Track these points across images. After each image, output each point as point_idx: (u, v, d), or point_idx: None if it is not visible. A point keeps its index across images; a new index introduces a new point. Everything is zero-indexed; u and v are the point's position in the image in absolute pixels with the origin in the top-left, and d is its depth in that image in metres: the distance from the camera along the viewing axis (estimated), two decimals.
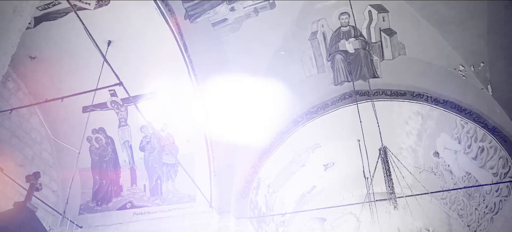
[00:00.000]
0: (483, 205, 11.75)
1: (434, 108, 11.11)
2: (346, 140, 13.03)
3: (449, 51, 10.26)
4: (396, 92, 11.43)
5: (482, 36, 9.77)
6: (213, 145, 11.09)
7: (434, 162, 12.96)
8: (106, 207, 11.14)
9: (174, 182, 11.01)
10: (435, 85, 10.98)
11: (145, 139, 10.98)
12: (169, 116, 10.66)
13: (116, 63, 8.06)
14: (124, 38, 9.40)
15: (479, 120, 10.56)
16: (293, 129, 11.89)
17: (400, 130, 12.60)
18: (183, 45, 9.89)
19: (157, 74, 10.08)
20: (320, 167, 14.23)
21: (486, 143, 10.67)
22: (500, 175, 10.55)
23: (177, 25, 9.66)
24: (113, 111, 10.74)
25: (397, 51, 10.93)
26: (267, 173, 12.19)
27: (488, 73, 10.08)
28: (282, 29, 10.49)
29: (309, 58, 11.24)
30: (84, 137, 10.45)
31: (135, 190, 11.11)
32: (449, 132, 11.51)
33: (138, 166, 11.12)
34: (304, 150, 12.94)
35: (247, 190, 11.29)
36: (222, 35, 10.27)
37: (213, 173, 11.00)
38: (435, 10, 9.76)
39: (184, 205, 10.81)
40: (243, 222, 10.81)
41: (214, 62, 10.57)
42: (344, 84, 11.70)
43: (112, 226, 10.77)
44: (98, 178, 11.27)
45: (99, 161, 11.24)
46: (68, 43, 9.62)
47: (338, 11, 10.47)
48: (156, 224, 10.63)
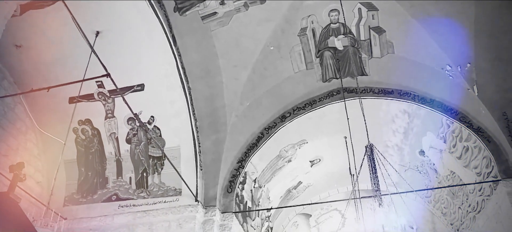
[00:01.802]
0: (466, 204, 11.90)
1: (421, 107, 11.20)
2: (333, 137, 13.09)
3: (437, 51, 10.35)
4: (383, 90, 11.50)
5: (470, 37, 9.88)
6: (200, 138, 11.07)
7: (420, 161, 13.09)
8: (91, 199, 11.04)
9: (160, 175, 10.95)
10: (422, 84, 11.07)
11: (132, 131, 10.91)
12: (157, 109, 10.59)
13: (104, 54, 7.97)
14: (113, 29, 9.29)
15: (464, 120, 10.67)
16: (280, 124, 11.90)
17: (387, 128, 12.68)
18: (172, 38, 9.83)
19: (145, 66, 10.00)
20: (307, 163, 14.29)
21: (470, 143, 10.79)
22: (483, 174, 10.67)
23: (166, 17, 9.60)
24: (100, 103, 10.64)
25: (385, 49, 11.01)
26: (253, 168, 12.20)
27: (474, 74, 10.21)
28: (271, 24, 10.49)
29: (298, 54, 11.26)
30: (70, 128, 10.33)
31: (121, 182, 11.04)
32: (435, 131, 11.62)
33: (124, 158, 11.05)
34: (291, 146, 12.97)
35: (233, 185, 11.29)
36: (211, 28, 10.23)
37: (200, 167, 10.98)
38: (424, 10, 9.85)
39: (169, 199, 10.77)
40: (229, 217, 10.81)
41: (203, 55, 10.53)
42: (332, 81, 11.75)
43: (97, 218, 10.68)
44: (84, 169, 11.17)
45: (85, 153, 11.13)
46: (55, 32, 9.49)
47: (328, 8, 10.52)
48: (141, 216, 10.58)
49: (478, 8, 9.51)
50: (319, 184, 15.56)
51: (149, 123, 10.67)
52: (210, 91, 11.03)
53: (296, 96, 11.90)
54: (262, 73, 11.25)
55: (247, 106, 11.56)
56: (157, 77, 10.20)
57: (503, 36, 9.62)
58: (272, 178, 13.50)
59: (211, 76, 10.86)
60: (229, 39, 10.47)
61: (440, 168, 12.42)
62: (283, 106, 11.94)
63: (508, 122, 10.00)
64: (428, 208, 14.57)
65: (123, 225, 10.53)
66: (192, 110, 10.82)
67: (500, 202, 9.98)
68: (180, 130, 10.79)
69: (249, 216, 12.44)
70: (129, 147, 10.98)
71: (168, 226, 10.38)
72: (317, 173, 14.89)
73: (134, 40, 9.57)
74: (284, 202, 15.23)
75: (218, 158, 11.25)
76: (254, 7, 10.07)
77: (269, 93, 11.67)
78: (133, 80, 10.17)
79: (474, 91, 10.28)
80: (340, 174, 14.53)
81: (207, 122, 11.18)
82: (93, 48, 6.96)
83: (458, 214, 12.52)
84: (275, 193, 14.34)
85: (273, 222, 15.17)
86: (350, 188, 14.49)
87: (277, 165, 13.25)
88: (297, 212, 16.90)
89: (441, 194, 13.26)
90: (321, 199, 16.20)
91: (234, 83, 11.10)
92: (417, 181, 13.50)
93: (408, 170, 13.66)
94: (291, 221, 16.87)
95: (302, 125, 12.22)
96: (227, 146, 11.39)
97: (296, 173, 14.37)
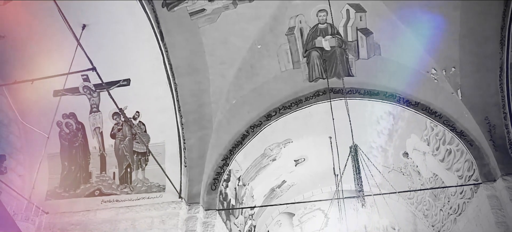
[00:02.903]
0: (447, 206, 12.04)
1: (405, 109, 11.32)
2: (318, 137, 13.15)
3: (422, 54, 10.47)
4: (369, 92, 11.58)
5: (455, 42, 10.00)
6: (185, 135, 11.03)
7: (403, 162, 13.21)
8: (74, 193, 10.94)
9: (144, 171, 10.90)
10: (407, 87, 11.18)
11: (117, 126, 10.82)
12: (142, 104, 10.54)
13: (90, 47, 7.93)
14: (100, 23, 9.21)
15: (448, 123, 10.81)
16: (266, 123, 11.91)
17: (372, 129, 12.78)
18: (159, 33, 9.77)
19: (131, 61, 9.93)
20: (291, 162, 14.33)
21: (453, 146, 10.93)
22: (465, 178, 10.83)
23: (154, 12, 9.53)
24: (85, 97, 10.54)
25: (372, 51, 11.08)
26: (238, 166, 12.20)
27: (458, 78, 10.34)
28: (259, 22, 10.48)
29: (285, 53, 11.27)
30: (54, 121, 10.21)
31: (104, 177, 10.95)
32: (419, 134, 11.74)
33: (108, 153, 10.97)
34: (276, 145, 13.00)
35: (217, 182, 11.27)
36: (199, 25, 10.18)
37: (184, 164, 10.94)
38: (411, 13, 9.94)
39: (153, 195, 10.73)
40: (212, 214, 10.79)
41: (190, 52, 10.49)
42: (319, 81, 11.79)
43: (79, 213, 10.60)
44: (67, 164, 11.06)
45: (68, 147, 11.01)
46: (40, 23, 9.38)
47: (317, 8, 10.54)
48: (124, 212, 10.52)
49: (463, 14, 9.62)
50: (303, 183, 15.62)
51: (134, 118, 10.60)
52: (196, 87, 10.98)
53: (282, 95, 11.91)
54: (249, 71, 11.24)
55: (233, 103, 11.54)
56: (143, 72, 10.14)
57: (487, 42, 9.75)
58: (256, 177, 13.51)
59: (198, 72, 10.81)
60: (216, 36, 10.43)
61: (423, 170, 12.55)
62: (269, 105, 11.95)
63: (490, 127, 10.16)
64: (410, 210, 14.72)
65: (105, 220, 10.45)
66: (178, 106, 10.77)
67: (480, 205, 10.14)
68: (166, 126, 10.74)
69: (233, 214, 12.43)
70: (113, 142, 10.90)
71: (151, 222, 10.34)
72: (302, 172, 14.95)
73: (121, 34, 9.50)
74: (268, 200, 15.25)
75: (202, 155, 11.22)
76: (243, 5, 10.04)
77: (255, 92, 11.66)
78: (119, 74, 10.09)
79: (458, 95, 10.41)
80: (324, 174, 14.61)
81: (192, 119, 11.13)
82: (79, 41, 6.87)
83: (440, 216, 12.68)
84: (259, 191, 14.35)
85: (256, 221, 15.19)
86: (333, 188, 14.57)
87: (262, 163, 13.26)
88: (281, 211, 16.96)
89: (423, 196, 13.40)
90: (305, 198, 16.27)
91: (220, 81, 11.07)
92: (400, 183, 13.62)
93: (392, 171, 13.78)
94: (275, 220, 16.92)
95: (288, 124, 12.25)
96: (212, 143, 11.36)
97: (280, 172, 14.40)
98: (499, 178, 9.71)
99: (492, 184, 9.88)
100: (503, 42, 9.55)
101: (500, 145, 10.00)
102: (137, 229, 10.28)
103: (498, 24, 9.45)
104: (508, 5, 9.13)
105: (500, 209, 9.59)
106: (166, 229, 10.16)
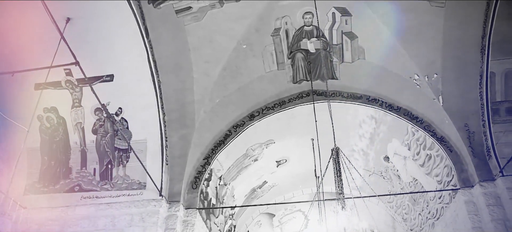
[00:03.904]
0: (426, 210, 12.20)
1: (388, 113, 11.44)
2: (300, 138, 13.21)
3: (406, 59, 10.59)
4: (352, 95, 11.68)
5: (438, 49, 10.14)
6: (167, 133, 10.97)
7: (384, 166, 13.34)
8: (53, 188, 10.78)
9: (125, 168, 10.81)
10: (390, 92, 11.31)
11: (99, 122, 10.71)
12: (125, 100, 10.44)
13: (74, 41, 7.78)
14: (84, 17, 9.07)
15: (429, 128, 10.96)
16: (249, 123, 11.92)
17: (354, 132, 12.88)
18: (144, 30, 9.68)
19: (115, 57, 9.82)
20: (273, 163, 14.37)
21: (433, 152, 11.08)
22: (444, 183, 10.98)
23: (140, 8, 9.45)
24: (67, 91, 10.38)
25: (356, 54, 11.17)
26: (219, 165, 12.18)
27: (440, 85, 10.49)
28: (245, 22, 10.48)
29: (270, 53, 11.30)
30: (35, 115, 10.08)
31: (85, 173, 10.83)
32: (400, 138, 11.88)
33: (89, 149, 10.84)
34: (258, 145, 13.02)
35: (198, 181, 11.25)
36: (185, 23, 10.13)
37: (165, 162, 10.88)
38: (397, 19, 10.04)
39: (134, 192, 10.66)
40: (192, 213, 10.77)
41: (175, 49, 10.43)
42: (303, 82, 11.86)
43: (58, 208, 10.45)
44: (47, 158, 10.89)
45: (49, 141, 10.84)
46: (22, 15, 9.19)
47: (303, 10, 10.60)
48: (103, 209, 10.42)
49: (447, 21, 9.77)
50: (284, 184, 15.67)
51: (116, 114, 10.51)
52: (180, 85, 10.93)
53: (266, 96, 11.94)
54: (234, 70, 11.23)
55: (217, 102, 11.53)
56: (127, 68, 10.04)
57: (469, 50, 9.91)
58: (237, 176, 13.52)
59: (182, 70, 10.77)
60: (202, 35, 10.40)
61: (403, 175, 12.69)
62: (252, 105, 11.97)
63: (469, 133, 10.33)
64: (389, 213, 14.87)
65: (84, 216, 10.35)
66: (161, 104, 10.70)
67: (457, 210, 10.30)
68: (148, 124, 10.67)
69: (213, 213, 12.41)
70: (95, 137, 10.78)
71: (130, 219, 10.26)
72: (283, 173, 14.99)
73: (106, 29, 9.38)
74: (249, 201, 15.26)
75: (184, 153, 11.19)
76: (229, 4, 10.03)
77: (239, 91, 11.66)
78: (102, 70, 9.97)
79: (440, 101, 10.56)
80: (306, 175, 14.68)
81: (175, 117, 11.08)
82: (62, 35, 6.78)
83: (418, 220, 12.83)
84: (240, 191, 14.35)
85: (236, 221, 15.18)
86: (314, 190, 14.66)
87: (243, 163, 13.27)
88: (261, 211, 16.97)
89: (403, 200, 13.55)
90: (286, 199, 16.33)
91: (205, 79, 11.04)
92: (380, 186, 13.76)
93: (372, 175, 13.90)
94: (255, 220, 16.92)
95: (271, 125, 12.27)
96: (194, 142, 11.33)
97: (262, 172, 14.43)
98: (476, 184, 9.88)
99: (470, 190, 10.06)
100: (484, 51, 9.72)
101: (478, 152, 10.18)
102: (117, 226, 10.20)
103: (479, 33, 9.62)
104: (488, 15, 9.30)
105: (476, 215, 9.76)
106: (146, 226, 10.10)
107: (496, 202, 9.56)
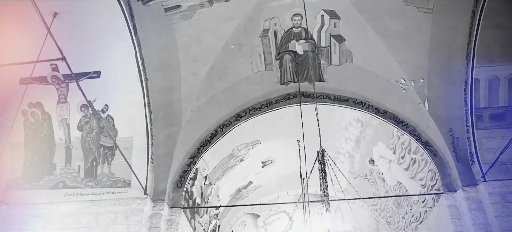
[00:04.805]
0: (410, 214, 12.30)
1: (374, 117, 11.51)
2: (286, 140, 13.24)
3: (393, 64, 10.68)
4: (339, 98, 11.74)
5: (424, 54, 10.25)
6: (153, 131, 10.92)
7: (369, 169, 13.42)
8: (36, 185, 10.64)
9: (110, 166, 10.73)
10: (377, 95, 11.39)
11: (84, 118, 10.61)
12: (112, 98, 10.36)
13: (61, 36, 7.74)
14: (72, 12, 8.97)
15: (414, 133, 11.06)
16: (235, 123, 11.92)
17: (340, 135, 12.94)
18: (133, 27, 9.60)
19: (103, 53, 9.73)
20: (258, 164, 14.38)
21: (418, 156, 11.19)
22: (427, 187, 11.09)
23: (128, 5, 9.37)
24: (53, 86, 10.26)
25: (344, 57, 11.24)
26: (205, 165, 12.16)
27: (426, 89, 10.60)
28: (234, 22, 10.49)
29: (258, 54, 11.32)
30: (19, 110, 9.97)
31: (69, 170, 10.71)
32: (386, 142, 11.97)
33: (74, 145, 10.73)
34: (244, 145, 13.02)
35: (183, 180, 11.21)
36: (173, 21, 10.09)
37: (151, 160, 10.83)
38: (384, 23, 10.13)
39: (118, 190, 10.59)
40: (177, 212, 10.74)
41: (163, 47, 10.39)
42: (290, 84, 11.88)
43: (42, 205, 10.32)
44: (31, 154, 10.74)
45: (33, 137, 10.69)
46: (8, 8, 9.07)
47: (292, 12, 10.63)
48: (87, 206, 10.34)
49: (434, 28, 9.90)
50: (269, 185, 15.69)
51: (102, 111, 10.43)
52: (167, 84, 10.88)
53: (253, 96, 11.95)
54: (221, 70, 11.22)
55: (204, 102, 11.51)
56: (114, 65, 9.96)
57: (454, 56, 10.04)
58: (223, 176, 13.50)
59: (170, 69, 10.73)
60: (191, 34, 10.37)
61: (388, 178, 12.78)
62: (239, 105, 11.96)
63: (453, 139, 10.45)
64: (373, 216, 14.96)
65: (68, 214, 10.25)
66: (148, 102, 10.63)
67: (440, 214, 10.41)
68: (134, 121, 10.60)
69: (198, 213, 12.39)
70: (80, 134, 10.68)
71: (114, 217, 10.19)
72: (268, 174, 15.01)
73: (94, 25, 9.30)
74: (234, 201, 15.25)
75: (170, 152, 11.15)
76: (218, 4, 10.02)
77: (226, 91, 11.66)
78: (89, 66, 9.86)
79: (425, 106, 10.67)
80: (291, 176, 14.70)
81: (162, 115, 11.03)
82: (49, 29, 6.71)
83: (402, 223, 12.93)
84: (225, 191, 14.34)
85: (221, 220, 15.17)
86: (299, 191, 14.69)
87: (229, 163, 13.26)
88: (246, 211, 16.97)
89: (387, 203, 13.65)
90: (271, 200, 16.36)
91: (192, 78, 11.01)
92: (365, 189, 13.84)
93: (357, 177, 13.98)
94: (239, 220, 16.92)
95: (257, 125, 12.28)
96: (180, 140, 11.30)
97: (247, 172, 14.43)
98: (459, 189, 9.99)
99: (453, 194, 10.17)
100: (469, 58, 9.85)
101: (462, 157, 10.30)
102: (100, 224, 10.12)
103: (465, 40, 9.75)
104: (473, 23, 9.43)
105: (458, 219, 9.88)
106: (130, 225, 10.04)
107: (477, 206, 9.69)
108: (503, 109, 10.07)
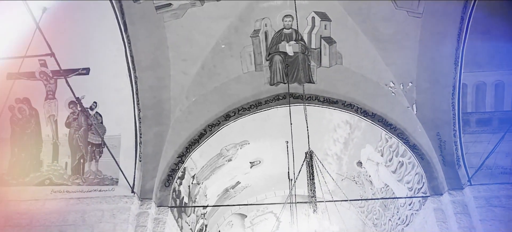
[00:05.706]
0: (396, 216, 12.38)
1: (362, 119, 11.59)
2: (275, 140, 13.25)
3: (382, 67, 10.76)
4: (328, 99, 11.80)
5: (413, 58, 10.33)
6: (142, 129, 10.87)
7: (357, 171, 13.49)
8: (22, 181, 10.52)
9: (97, 163, 10.66)
10: (366, 98, 11.46)
11: (72, 115, 10.52)
12: (100, 95, 10.28)
13: (50, 32, 7.64)
14: (61, 8, 8.87)
15: (402, 136, 11.15)
16: (224, 123, 11.92)
17: (328, 136, 12.99)
18: (123, 24, 9.54)
19: (92, 50, 9.67)
20: (247, 164, 14.38)
21: (405, 159, 11.27)
22: (414, 190, 11.18)
23: (119, 2, 9.32)
24: (41, 82, 10.16)
25: (334, 60, 11.28)
26: (193, 164, 12.14)
27: (414, 93, 10.69)
28: (225, 22, 10.48)
29: (248, 55, 11.32)
30: (6, 105, 9.84)
31: (56, 167, 10.61)
32: (374, 144, 12.04)
33: (62, 142, 10.62)
34: (233, 145, 13.02)
35: (171, 179, 11.18)
36: (164, 20, 10.05)
37: (139, 158, 10.78)
38: (375, 26, 10.19)
39: (105, 188, 10.52)
40: (164, 211, 10.70)
41: (153, 46, 10.34)
42: (280, 85, 11.91)
43: (27, 202, 10.19)
44: (17, 150, 10.61)
45: (20, 133, 10.55)
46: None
47: (283, 13, 10.65)
48: (74, 204, 10.25)
49: (423, 32, 9.97)
50: (257, 185, 15.69)
51: (91, 108, 10.35)
52: (157, 82, 10.83)
53: (243, 97, 11.96)
54: (211, 70, 11.21)
55: (193, 101, 11.48)
56: (103, 62, 9.89)
57: (443, 61, 10.13)
58: (211, 176, 13.49)
59: (160, 67, 10.68)
60: (181, 32, 10.34)
61: (375, 180, 12.85)
62: (228, 105, 11.97)
63: (440, 142, 10.56)
64: (360, 218, 15.04)
65: (54, 211, 10.14)
66: (137, 100, 10.58)
67: (426, 217, 10.50)
68: (123, 119, 10.55)
69: (185, 212, 12.36)
70: (68, 131, 10.58)
71: (101, 215, 10.13)
72: (256, 174, 15.02)
73: (83, 21, 9.23)
74: (221, 200, 15.24)
75: (158, 150, 11.10)
76: (209, 3, 10.00)
77: (216, 91, 11.65)
78: (78, 62, 9.79)
79: (413, 110, 10.76)
80: (279, 177, 14.72)
81: (150, 114, 10.98)
82: (38, 25, 6.65)
83: (388, 225, 13.01)
84: (213, 191, 14.33)
85: (208, 220, 15.15)
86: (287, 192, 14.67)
87: (217, 163, 13.25)
88: (233, 211, 16.97)
89: (374, 205, 13.72)
90: (258, 201, 16.36)
91: (182, 77, 10.98)
92: (353, 191, 13.90)
93: (345, 179, 14.05)
94: (227, 220, 16.91)
95: (246, 126, 12.29)
96: (168, 139, 11.26)
97: (235, 173, 14.43)
98: (445, 192, 10.09)
99: (439, 197, 10.26)
100: (457, 63, 9.93)
101: (448, 161, 10.41)
102: (87, 222, 10.04)
103: (454, 45, 9.82)
104: (462, 29, 9.51)
105: (444, 222, 9.97)
106: (117, 223, 9.97)
107: (463, 210, 9.79)
108: (489, 114, 10.19)
